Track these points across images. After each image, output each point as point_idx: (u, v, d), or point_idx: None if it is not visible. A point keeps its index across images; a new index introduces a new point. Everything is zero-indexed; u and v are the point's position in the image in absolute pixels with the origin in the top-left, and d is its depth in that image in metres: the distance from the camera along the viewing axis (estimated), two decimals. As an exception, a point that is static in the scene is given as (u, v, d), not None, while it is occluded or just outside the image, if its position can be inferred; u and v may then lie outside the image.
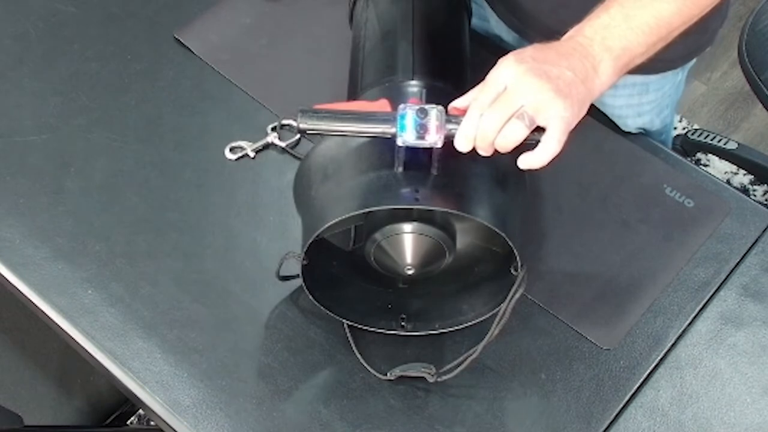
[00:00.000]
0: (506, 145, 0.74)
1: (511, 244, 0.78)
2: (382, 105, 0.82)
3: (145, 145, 1.02)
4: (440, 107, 0.75)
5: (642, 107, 1.07)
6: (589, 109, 0.77)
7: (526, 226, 0.85)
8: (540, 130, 0.74)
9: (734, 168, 1.95)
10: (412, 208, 0.80)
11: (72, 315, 0.90)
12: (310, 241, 0.78)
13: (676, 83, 1.10)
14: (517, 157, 0.76)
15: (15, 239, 0.95)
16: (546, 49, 0.76)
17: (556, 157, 0.75)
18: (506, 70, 0.74)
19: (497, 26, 1.13)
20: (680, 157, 1.06)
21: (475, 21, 1.14)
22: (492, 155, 0.76)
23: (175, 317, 0.91)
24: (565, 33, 0.79)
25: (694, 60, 1.08)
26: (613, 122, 1.06)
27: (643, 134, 1.08)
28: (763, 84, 1.46)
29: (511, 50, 0.77)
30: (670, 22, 0.79)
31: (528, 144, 0.75)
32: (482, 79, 0.77)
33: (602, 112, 1.06)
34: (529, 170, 0.77)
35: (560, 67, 0.74)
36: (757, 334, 0.92)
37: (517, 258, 0.79)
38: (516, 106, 0.73)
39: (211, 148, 1.02)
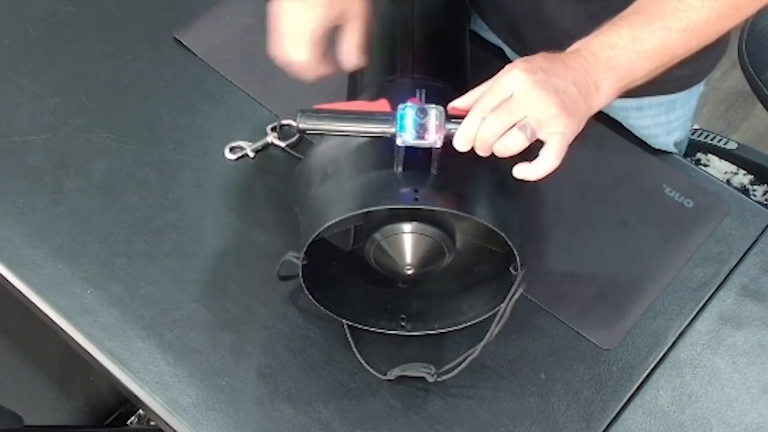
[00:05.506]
0: (504, 152, 0.74)
1: (510, 243, 0.78)
2: (382, 105, 0.82)
3: (145, 145, 1.02)
4: (440, 107, 0.75)
5: (671, 125, 1.06)
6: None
7: (525, 226, 0.85)
8: (539, 142, 0.74)
9: (734, 168, 1.95)
10: (411, 208, 0.80)
11: (72, 315, 0.90)
12: (310, 241, 0.78)
13: (699, 95, 1.09)
14: (517, 159, 0.76)
15: (15, 239, 0.95)
16: (554, 60, 0.75)
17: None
18: (515, 78, 0.73)
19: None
20: (680, 157, 1.06)
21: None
22: (491, 156, 0.76)
23: (175, 317, 0.91)
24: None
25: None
26: (618, 123, 1.06)
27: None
28: (763, 84, 1.46)
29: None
30: (675, 50, 0.78)
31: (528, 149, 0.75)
32: (482, 80, 0.77)
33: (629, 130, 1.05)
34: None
35: (566, 81, 0.74)
36: (756, 334, 0.92)
37: (517, 258, 0.79)
38: (519, 117, 0.73)
39: (210, 148, 1.02)
